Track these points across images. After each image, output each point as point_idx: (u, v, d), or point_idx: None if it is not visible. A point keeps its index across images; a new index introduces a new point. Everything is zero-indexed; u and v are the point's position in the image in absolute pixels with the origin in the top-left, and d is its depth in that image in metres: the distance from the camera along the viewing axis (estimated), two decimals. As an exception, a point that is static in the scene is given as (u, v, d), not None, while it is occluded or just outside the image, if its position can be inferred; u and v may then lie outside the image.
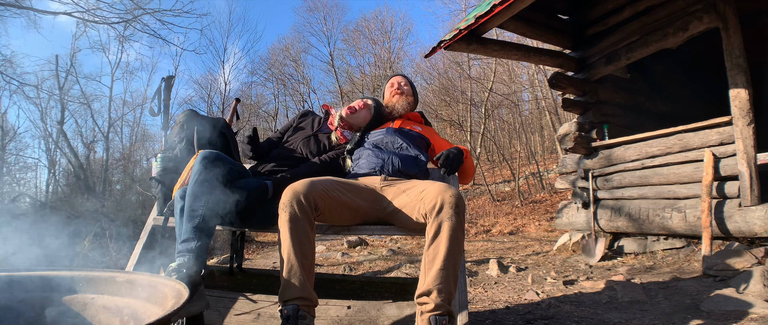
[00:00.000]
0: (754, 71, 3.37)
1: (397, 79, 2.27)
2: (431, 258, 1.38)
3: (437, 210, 1.41)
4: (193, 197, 1.48)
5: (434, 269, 1.35)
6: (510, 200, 10.27)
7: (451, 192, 1.43)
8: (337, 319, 1.79)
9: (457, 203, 1.41)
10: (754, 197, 3.09)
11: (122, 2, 7.59)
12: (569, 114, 8.76)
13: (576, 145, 4.41)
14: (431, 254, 1.38)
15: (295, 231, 1.42)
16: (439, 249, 1.37)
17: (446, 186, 1.47)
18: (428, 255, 1.39)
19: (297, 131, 2.15)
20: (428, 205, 1.43)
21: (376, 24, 20.55)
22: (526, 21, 4.25)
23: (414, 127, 2.09)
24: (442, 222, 1.39)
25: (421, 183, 1.61)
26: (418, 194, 1.54)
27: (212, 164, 1.54)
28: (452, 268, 1.36)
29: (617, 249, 4.08)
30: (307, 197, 1.46)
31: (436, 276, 1.34)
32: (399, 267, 4.39)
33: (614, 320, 1.98)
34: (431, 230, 1.40)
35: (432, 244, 1.39)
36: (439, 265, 1.35)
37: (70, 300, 1.13)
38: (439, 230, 1.39)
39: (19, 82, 9.48)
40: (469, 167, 1.97)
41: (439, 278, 1.34)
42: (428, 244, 1.41)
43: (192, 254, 1.42)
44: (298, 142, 2.05)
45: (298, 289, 1.37)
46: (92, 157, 15.58)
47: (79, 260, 3.27)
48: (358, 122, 2.08)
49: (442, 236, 1.38)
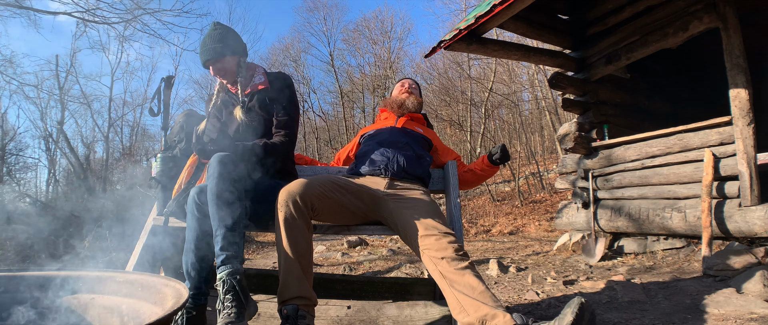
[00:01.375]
0: (754, 71, 3.37)
1: (409, 82, 2.36)
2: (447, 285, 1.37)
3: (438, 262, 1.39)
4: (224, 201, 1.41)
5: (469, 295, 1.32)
6: (510, 200, 10.27)
7: (451, 247, 1.41)
8: (337, 319, 1.79)
9: (458, 249, 1.41)
10: (754, 197, 3.09)
11: (122, 2, 7.60)
12: (569, 114, 8.76)
13: (576, 145, 4.41)
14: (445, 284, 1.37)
15: (291, 231, 1.42)
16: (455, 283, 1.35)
17: (444, 229, 1.46)
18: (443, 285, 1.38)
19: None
20: (429, 255, 1.41)
21: (376, 24, 20.58)
22: (526, 21, 4.25)
23: (416, 128, 2.12)
24: (446, 274, 1.37)
25: (421, 206, 1.59)
26: (420, 228, 1.49)
27: (234, 165, 1.49)
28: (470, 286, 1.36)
29: (617, 249, 4.08)
30: (303, 197, 1.46)
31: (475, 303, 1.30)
32: (399, 267, 4.39)
33: (614, 320, 1.98)
34: (435, 279, 1.40)
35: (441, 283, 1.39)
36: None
37: (70, 300, 1.13)
38: (443, 279, 1.37)
39: (19, 82, 9.50)
40: (477, 180, 2.13)
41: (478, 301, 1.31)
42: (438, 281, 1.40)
43: (237, 260, 1.39)
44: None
45: (296, 288, 1.37)
46: (92, 157, 15.59)
47: (79, 260, 3.26)
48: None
49: (451, 281, 1.36)
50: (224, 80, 1.83)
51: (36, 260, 1.30)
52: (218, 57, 1.76)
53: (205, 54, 1.77)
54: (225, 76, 1.81)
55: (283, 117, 1.79)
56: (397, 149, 1.86)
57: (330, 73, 20.77)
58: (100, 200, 9.40)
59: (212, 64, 1.78)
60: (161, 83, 2.02)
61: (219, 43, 1.76)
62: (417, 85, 2.37)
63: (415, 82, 2.39)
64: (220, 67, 1.78)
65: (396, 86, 2.37)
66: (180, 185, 1.64)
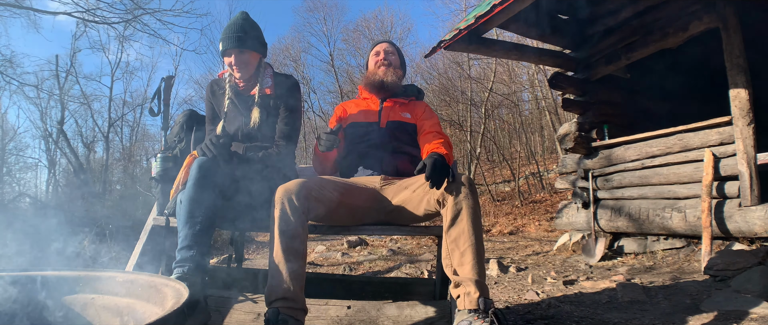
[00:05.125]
0: (754, 71, 3.37)
1: (383, 47, 2.03)
2: (454, 238, 1.38)
3: (452, 192, 1.41)
4: (192, 203, 1.43)
5: (466, 253, 1.35)
6: (510, 200, 10.27)
7: (461, 175, 1.45)
8: (337, 319, 1.79)
9: (470, 182, 1.43)
10: (754, 197, 3.09)
11: (122, 2, 7.61)
12: (569, 114, 8.74)
13: (576, 145, 4.41)
14: (454, 235, 1.38)
15: (284, 231, 1.37)
16: (464, 231, 1.37)
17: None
18: (450, 236, 1.39)
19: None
20: (441, 189, 1.42)
21: (376, 24, 20.56)
22: (526, 21, 4.25)
23: (402, 116, 1.92)
24: (460, 202, 1.39)
25: (423, 176, 1.60)
26: (424, 185, 1.51)
27: (210, 171, 1.49)
28: (479, 247, 1.37)
29: (617, 249, 4.08)
30: (299, 196, 1.42)
31: (470, 260, 1.34)
32: (399, 267, 4.38)
33: (614, 320, 1.98)
34: (449, 213, 1.40)
35: (453, 226, 1.39)
36: (468, 247, 1.35)
37: (70, 300, 1.13)
38: (459, 212, 1.39)
39: (19, 82, 9.49)
40: (449, 147, 1.80)
41: (473, 261, 1.34)
42: (448, 226, 1.40)
43: (192, 264, 1.38)
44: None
45: (282, 291, 1.33)
46: (92, 157, 15.60)
47: (79, 260, 3.26)
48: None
49: (464, 217, 1.38)
50: (238, 73, 1.75)
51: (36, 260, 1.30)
52: (243, 48, 1.70)
53: (230, 41, 1.69)
54: (242, 69, 1.74)
55: (288, 122, 1.78)
56: (388, 152, 1.82)
57: (330, 73, 20.76)
58: (99, 200, 9.40)
59: (236, 53, 1.71)
60: (161, 83, 2.02)
61: (247, 35, 1.71)
62: (394, 49, 2.03)
63: (391, 44, 2.06)
64: (242, 59, 1.72)
65: (370, 55, 2.04)
66: (178, 185, 1.63)
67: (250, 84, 1.79)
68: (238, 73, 1.75)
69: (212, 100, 1.86)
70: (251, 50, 1.73)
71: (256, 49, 1.75)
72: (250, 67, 1.76)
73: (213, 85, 1.88)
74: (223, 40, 1.71)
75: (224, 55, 1.74)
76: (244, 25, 1.72)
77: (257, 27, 1.78)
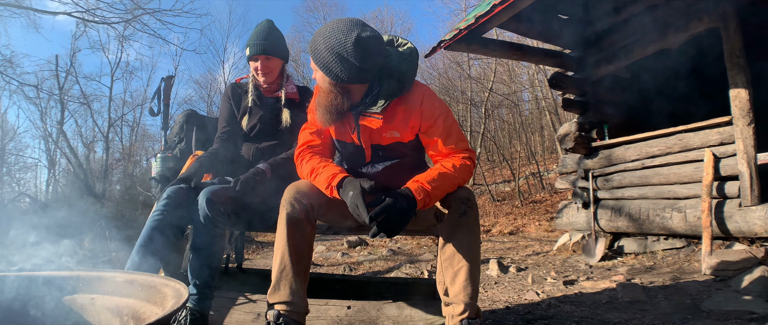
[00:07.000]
0: (754, 71, 3.37)
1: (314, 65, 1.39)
2: (448, 256, 1.37)
3: (451, 208, 1.39)
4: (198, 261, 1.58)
5: (459, 273, 1.34)
6: (510, 200, 10.27)
7: (460, 191, 1.41)
8: (337, 319, 1.79)
9: (468, 198, 1.40)
10: (754, 197, 3.09)
11: (122, 2, 7.61)
12: (569, 114, 8.75)
13: (576, 145, 4.41)
14: (448, 253, 1.37)
15: (293, 232, 1.36)
16: (459, 249, 1.35)
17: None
18: (445, 253, 1.38)
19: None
20: (438, 205, 1.41)
21: (375, 24, 20.57)
22: (526, 21, 4.25)
23: (388, 136, 1.45)
24: (457, 220, 1.37)
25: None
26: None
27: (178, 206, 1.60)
28: (474, 267, 1.36)
29: (617, 249, 4.08)
30: (310, 195, 1.40)
31: (462, 281, 1.33)
32: (399, 267, 4.38)
33: (614, 320, 1.98)
34: (445, 230, 1.39)
35: (448, 243, 1.38)
36: (462, 268, 1.34)
37: (70, 300, 1.13)
38: (455, 230, 1.37)
39: (19, 82, 9.48)
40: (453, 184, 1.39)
41: (464, 281, 1.33)
42: (443, 243, 1.39)
43: (196, 296, 1.53)
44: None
45: (285, 293, 1.32)
46: (92, 157, 15.60)
47: (79, 260, 3.26)
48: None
49: (460, 235, 1.37)
50: (262, 78, 1.85)
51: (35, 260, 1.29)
52: (271, 55, 1.81)
53: (259, 47, 1.79)
54: (267, 74, 1.84)
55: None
56: (381, 181, 1.49)
57: (330, 73, 20.75)
58: (99, 200, 9.40)
59: (262, 59, 1.81)
60: (161, 83, 2.03)
61: (273, 42, 1.82)
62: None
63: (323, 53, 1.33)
64: (269, 65, 1.83)
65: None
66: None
67: (272, 88, 1.90)
68: (263, 77, 1.85)
69: (232, 101, 1.94)
70: (276, 57, 1.85)
71: (280, 56, 1.87)
72: (275, 73, 1.87)
73: (235, 87, 1.98)
74: (250, 45, 1.82)
75: (251, 59, 1.84)
76: (270, 33, 1.83)
77: (281, 35, 1.89)
